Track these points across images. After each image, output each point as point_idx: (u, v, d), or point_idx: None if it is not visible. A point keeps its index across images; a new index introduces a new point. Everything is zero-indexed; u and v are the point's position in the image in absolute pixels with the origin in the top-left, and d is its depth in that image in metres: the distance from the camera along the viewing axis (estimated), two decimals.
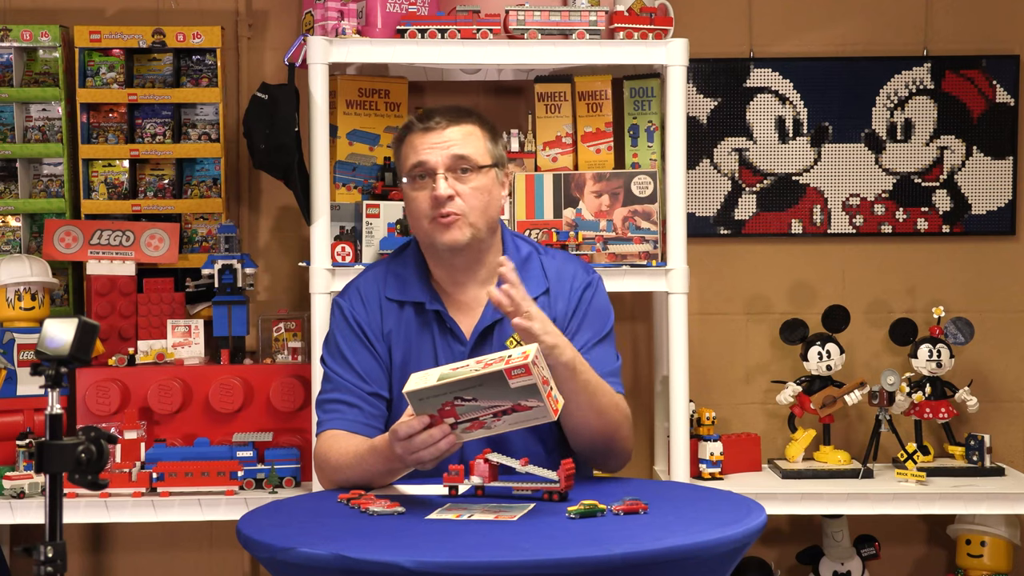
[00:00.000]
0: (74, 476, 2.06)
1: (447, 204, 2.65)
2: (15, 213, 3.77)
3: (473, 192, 2.68)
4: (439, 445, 2.35)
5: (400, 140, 2.76)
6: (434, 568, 1.96)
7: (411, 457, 2.38)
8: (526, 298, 2.51)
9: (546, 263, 2.78)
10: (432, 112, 2.75)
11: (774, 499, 3.41)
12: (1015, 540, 3.80)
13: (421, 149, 2.69)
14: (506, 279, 2.49)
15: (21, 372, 3.42)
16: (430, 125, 2.70)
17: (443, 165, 2.67)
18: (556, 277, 2.76)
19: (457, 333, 2.70)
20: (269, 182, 3.78)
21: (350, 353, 2.73)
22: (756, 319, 3.97)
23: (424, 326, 2.72)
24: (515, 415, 2.32)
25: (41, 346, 2.10)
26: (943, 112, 3.94)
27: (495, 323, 2.70)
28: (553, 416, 2.32)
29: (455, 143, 2.69)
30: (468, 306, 2.73)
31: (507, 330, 2.68)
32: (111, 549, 3.92)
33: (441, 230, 2.66)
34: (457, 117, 2.72)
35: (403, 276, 2.77)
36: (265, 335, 3.69)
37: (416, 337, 2.72)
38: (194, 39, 3.71)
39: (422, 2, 3.41)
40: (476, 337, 2.69)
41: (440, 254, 2.72)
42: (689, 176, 3.71)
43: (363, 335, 2.73)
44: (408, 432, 2.35)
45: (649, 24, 3.41)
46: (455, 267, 2.73)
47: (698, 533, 2.11)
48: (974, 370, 3.89)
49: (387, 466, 2.51)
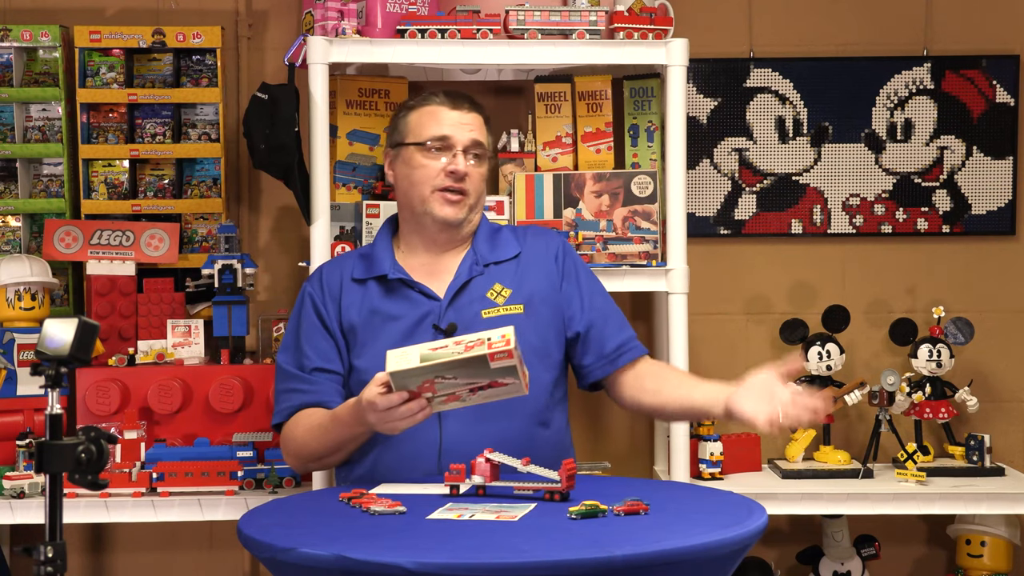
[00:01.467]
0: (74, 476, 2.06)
1: (462, 180, 2.79)
2: (15, 213, 3.76)
3: (479, 177, 2.84)
4: (416, 416, 2.47)
5: (414, 108, 2.87)
6: (435, 569, 1.96)
7: (386, 426, 2.50)
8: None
9: (517, 233, 2.93)
10: (457, 93, 2.87)
11: (774, 499, 3.41)
12: (1015, 540, 3.80)
13: (446, 124, 2.81)
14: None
15: (21, 372, 3.42)
16: (459, 103, 2.84)
17: (463, 145, 2.81)
18: (529, 246, 2.89)
19: (429, 293, 2.80)
20: (269, 182, 3.78)
21: (303, 334, 2.84)
22: (756, 319, 3.97)
23: (392, 293, 2.81)
24: (491, 390, 2.44)
25: (41, 346, 2.10)
26: (943, 112, 3.94)
27: (467, 282, 2.80)
28: (525, 391, 2.45)
29: (476, 128, 2.84)
30: (439, 272, 2.84)
31: (476, 288, 2.80)
32: (111, 549, 3.92)
33: (443, 204, 2.79)
34: (474, 105, 2.88)
35: (369, 256, 2.88)
36: (265, 335, 3.69)
37: (386, 305, 2.80)
38: (194, 39, 3.71)
39: (422, 2, 3.41)
40: (451, 295, 2.79)
41: (425, 223, 2.83)
42: (689, 176, 3.71)
43: (317, 315, 2.84)
44: (387, 405, 2.45)
45: (649, 24, 3.41)
46: (436, 239, 2.85)
47: (699, 535, 2.11)
48: (974, 370, 3.89)
49: (352, 433, 2.65)
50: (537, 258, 2.87)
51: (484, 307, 2.78)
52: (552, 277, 2.86)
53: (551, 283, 2.85)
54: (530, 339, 2.75)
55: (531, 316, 2.79)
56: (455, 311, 2.77)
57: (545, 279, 2.85)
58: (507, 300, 2.79)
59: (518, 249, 2.87)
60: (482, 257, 2.84)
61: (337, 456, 2.78)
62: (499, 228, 2.94)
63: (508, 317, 2.75)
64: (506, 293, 2.80)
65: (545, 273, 2.86)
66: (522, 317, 2.77)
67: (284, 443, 2.83)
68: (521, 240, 2.90)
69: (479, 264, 2.82)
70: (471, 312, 2.76)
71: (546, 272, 2.86)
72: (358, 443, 2.72)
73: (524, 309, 2.79)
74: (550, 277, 2.86)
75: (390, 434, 2.56)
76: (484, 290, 2.80)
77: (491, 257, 2.84)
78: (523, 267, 2.85)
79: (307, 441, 2.76)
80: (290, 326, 2.90)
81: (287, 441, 2.81)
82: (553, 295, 2.84)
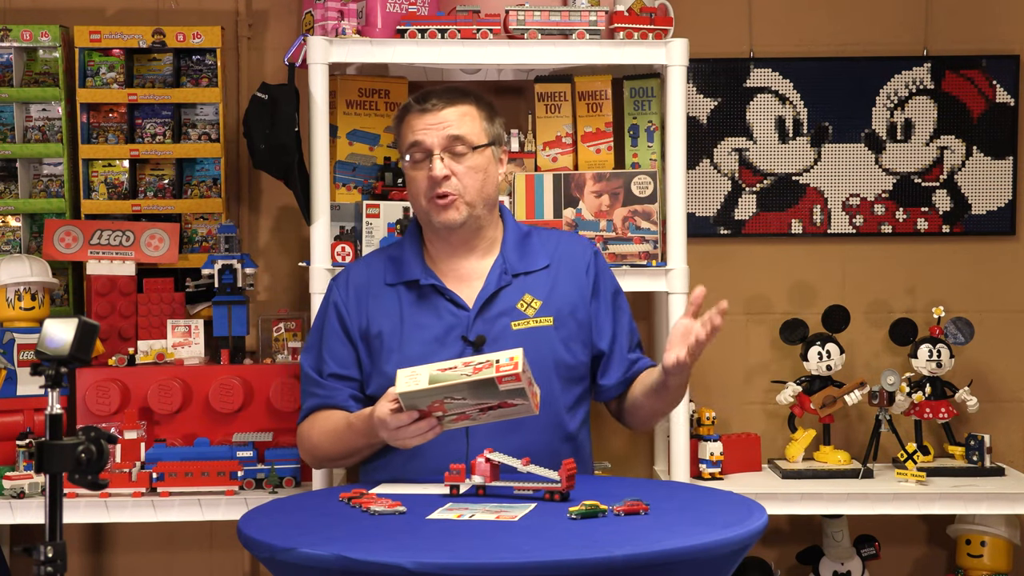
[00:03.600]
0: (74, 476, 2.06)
1: (443, 184, 2.74)
2: (15, 213, 3.76)
3: (468, 172, 2.77)
4: (426, 435, 2.50)
5: (399, 120, 2.85)
6: (435, 569, 1.96)
7: (397, 443, 2.53)
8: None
9: (546, 240, 2.89)
10: (429, 94, 2.82)
11: (774, 499, 3.41)
12: (1015, 540, 3.80)
13: (418, 129, 2.78)
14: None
15: (21, 372, 3.42)
16: (426, 107, 2.79)
17: (439, 146, 2.76)
18: (560, 255, 2.86)
19: (459, 302, 2.78)
20: (269, 182, 3.78)
21: (324, 338, 2.85)
22: (756, 319, 3.97)
23: (422, 300, 2.80)
24: (501, 410, 2.45)
25: (41, 346, 2.10)
26: (943, 112, 3.94)
27: (497, 291, 2.78)
28: (536, 411, 2.46)
29: (450, 124, 2.77)
30: (468, 277, 2.82)
31: (506, 299, 2.78)
32: (111, 549, 3.92)
33: (438, 210, 2.76)
34: (453, 98, 2.80)
35: (399, 259, 2.86)
36: (265, 335, 3.69)
37: (415, 313, 2.79)
38: (194, 39, 3.70)
39: (422, 2, 3.41)
40: (480, 305, 2.77)
41: (438, 231, 2.81)
42: (689, 176, 3.71)
43: (339, 319, 2.84)
44: (397, 424, 2.49)
45: (649, 24, 3.41)
46: (453, 243, 2.82)
47: (699, 535, 2.11)
48: (974, 370, 3.89)
49: (366, 442, 2.69)
50: (568, 268, 2.85)
51: (514, 319, 2.76)
52: (583, 290, 2.84)
53: (581, 296, 2.84)
54: (559, 352, 2.76)
55: (560, 329, 2.78)
56: (484, 322, 2.75)
57: (576, 291, 2.83)
58: (537, 312, 2.78)
59: (548, 260, 2.84)
60: (511, 266, 2.81)
61: (352, 460, 2.81)
62: (528, 232, 2.90)
63: (538, 329, 2.75)
64: (536, 304, 2.78)
65: (576, 285, 2.84)
66: (551, 329, 2.77)
67: (299, 441, 2.89)
68: (552, 248, 2.87)
69: (508, 274, 2.80)
70: (501, 324, 2.76)
71: (577, 284, 2.84)
72: (373, 450, 2.74)
73: (554, 321, 2.78)
74: (581, 290, 2.84)
75: (403, 449, 2.58)
76: (514, 301, 2.78)
77: (520, 267, 2.82)
78: (553, 277, 2.83)
79: (320, 443, 2.80)
80: (314, 325, 2.92)
81: (302, 440, 2.87)
82: (582, 308, 2.83)
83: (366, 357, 2.81)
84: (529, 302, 2.78)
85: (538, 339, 2.74)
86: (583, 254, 2.88)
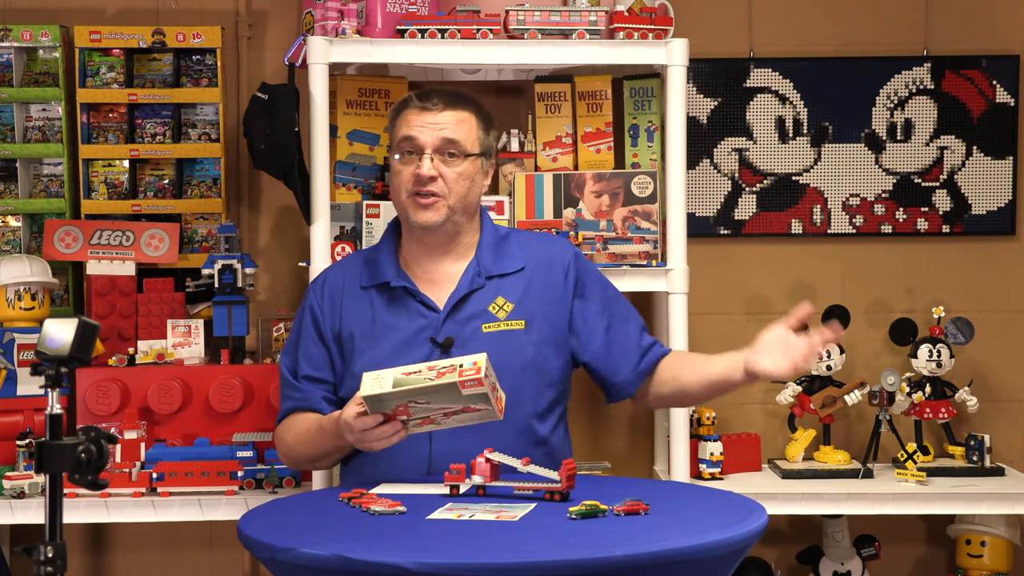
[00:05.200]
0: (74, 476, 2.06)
1: (428, 184, 2.72)
2: (15, 213, 3.76)
3: (457, 177, 2.75)
4: (391, 438, 2.51)
5: (396, 112, 2.84)
6: (435, 569, 1.96)
7: (363, 445, 2.55)
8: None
9: (523, 243, 2.87)
10: (431, 92, 2.81)
11: (774, 499, 3.41)
12: (1015, 540, 3.80)
13: (414, 125, 2.76)
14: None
15: (21, 372, 3.42)
16: (427, 105, 2.77)
17: (432, 146, 2.74)
18: (536, 259, 2.83)
19: (430, 304, 2.76)
20: (269, 182, 3.78)
21: (300, 341, 2.86)
22: (756, 319, 3.97)
23: (394, 302, 2.79)
24: (464, 415, 2.46)
25: (41, 346, 2.10)
26: (943, 112, 3.94)
27: (469, 294, 2.77)
28: (499, 416, 2.46)
29: (447, 127, 2.75)
30: (441, 280, 2.80)
31: (478, 301, 2.76)
32: (111, 549, 3.92)
33: (417, 208, 2.75)
34: (454, 102, 2.79)
35: (375, 261, 2.85)
36: (265, 335, 3.69)
37: (386, 315, 2.78)
38: (194, 39, 3.70)
39: (422, 2, 3.41)
40: (450, 307, 2.75)
41: (414, 232, 2.80)
42: (689, 176, 3.71)
43: (314, 322, 2.84)
44: (362, 427, 2.50)
45: (649, 24, 3.41)
46: (428, 245, 2.81)
47: (699, 535, 2.11)
48: (974, 370, 3.89)
49: (336, 444, 2.69)
50: (544, 272, 2.81)
51: (485, 321, 2.74)
52: (559, 293, 2.80)
53: (557, 300, 2.80)
54: (529, 356, 2.74)
55: (532, 332, 2.75)
56: (455, 324, 2.74)
57: (551, 295, 2.80)
58: (509, 315, 2.75)
59: (523, 263, 2.81)
60: (485, 268, 2.78)
61: (325, 462, 2.83)
62: (506, 235, 2.87)
63: (509, 332, 2.73)
64: (508, 307, 2.76)
65: (551, 289, 2.80)
66: (522, 333, 2.75)
67: (276, 443, 2.90)
68: (528, 251, 2.84)
69: (481, 276, 2.77)
70: (472, 327, 2.73)
71: (552, 288, 2.80)
72: (344, 453, 2.76)
73: (525, 325, 2.75)
74: (557, 293, 2.80)
75: (369, 451, 2.60)
76: (486, 303, 2.76)
77: (495, 269, 2.79)
78: (528, 281, 2.79)
79: (295, 445, 2.81)
80: (292, 328, 2.92)
81: (278, 442, 2.88)
82: (558, 312, 2.80)
83: (339, 359, 2.81)
84: (501, 305, 2.76)
85: (509, 342, 2.72)
86: (561, 257, 2.84)
